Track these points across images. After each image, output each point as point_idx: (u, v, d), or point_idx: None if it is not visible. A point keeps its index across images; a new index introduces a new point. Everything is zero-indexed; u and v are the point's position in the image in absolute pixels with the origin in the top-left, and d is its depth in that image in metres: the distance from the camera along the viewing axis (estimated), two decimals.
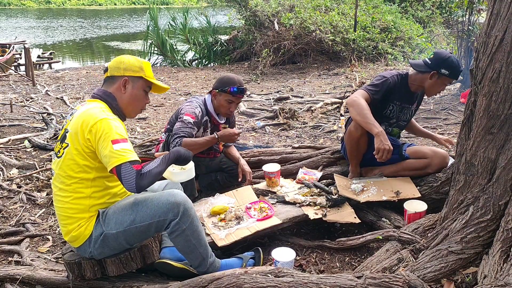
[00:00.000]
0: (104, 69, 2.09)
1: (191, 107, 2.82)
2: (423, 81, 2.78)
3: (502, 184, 1.87)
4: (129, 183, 1.79)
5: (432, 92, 2.83)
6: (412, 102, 2.94)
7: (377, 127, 2.53)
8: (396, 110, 2.88)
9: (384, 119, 2.87)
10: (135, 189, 1.81)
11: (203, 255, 2.06)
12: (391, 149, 2.49)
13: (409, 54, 9.25)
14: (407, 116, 2.98)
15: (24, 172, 3.74)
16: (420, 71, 2.78)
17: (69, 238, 1.98)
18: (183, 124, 2.72)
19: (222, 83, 2.84)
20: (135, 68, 2.04)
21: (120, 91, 2.03)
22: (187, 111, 2.79)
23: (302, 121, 5.36)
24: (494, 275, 1.71)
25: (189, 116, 2.75)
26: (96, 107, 1.93)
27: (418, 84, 2.82)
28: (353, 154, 2.85)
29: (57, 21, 25.14)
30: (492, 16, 1.89)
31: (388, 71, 2.91)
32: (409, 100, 2.91)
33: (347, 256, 2.36)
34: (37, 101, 6.85)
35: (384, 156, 2.49)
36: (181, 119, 2.74)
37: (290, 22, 9.35)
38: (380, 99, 2.76)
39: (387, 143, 2.48)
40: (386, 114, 2.87)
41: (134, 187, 1.80)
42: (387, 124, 2.92)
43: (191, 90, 7.92)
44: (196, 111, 2.80)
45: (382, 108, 2.84)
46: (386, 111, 2.85)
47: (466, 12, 5.78)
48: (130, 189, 1.81)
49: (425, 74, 2.76)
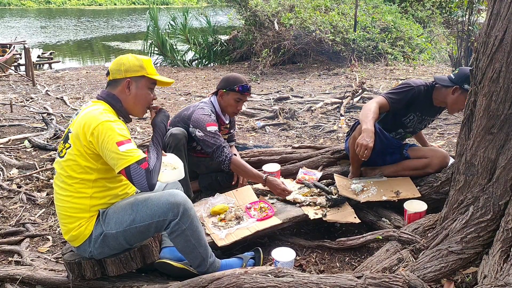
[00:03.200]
0: (106, 73, 2.09)
1: (207, 115, 2.77)
2: (446, 96, 2.69)
3: (502, 184, 1.88)
4: (141, 183, 1.83)
5: (454, 108, 2.71)
6: (433, 116, 2.90)
7: (367, 124, 2.46)
8: (416, 121, 2.84)
9: (401, 126, 2.85)
10: (148, 188, 1.84)
11: (203, 255, 2.05)
12: (370, 147, 2.37)
13: (409, 54, 9.25)
14: (423, 127, 2.96)
15: (24, 172, 3.74)
16: (444, 85, 2.68)
17: (69, 237, 1.99)
18: (213, 136, 2.70)
19: (229, 83, 2.83)
20: (136, 68, 2.03)
21: (124, 93, 2.03)
22: (207, 121, 2.73)
23: (302, 121, 5.36)
24: (494, 275, 1.71)
25: (212, 125, 2.73)
26: (98, 109, 1.93)
27: (441, 100, 2.73)
28: (356, 158, 2.84)
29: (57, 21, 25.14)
30: (492, 16, 1.89)
31: (415, 80, 2.80)
32: (430, 113, 2.85)
33: (347, 256, 2.36)
34: (37, 101, 6.85)
35: (362, 152, 2.38)
36: (207, 132, 2.70)
37: (290, 22, 9.35)
38: (402, 107, 2.72)
39: (368, 139, 2.38)
40: (405, 123, 2.83)
41: (147, 186, 1.83)
42: (404, 132, 2.90)
43: (191, 90, 7.92)
44: (213, 118, 2.78)
45: (402, 115, 2.80)
46: (406, 119, 2.81)
47: (466, 12, 5.78)
48: (143, 189, 1.84)
49: (448, 89, 2.66)
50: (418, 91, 2.70)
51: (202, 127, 2.73)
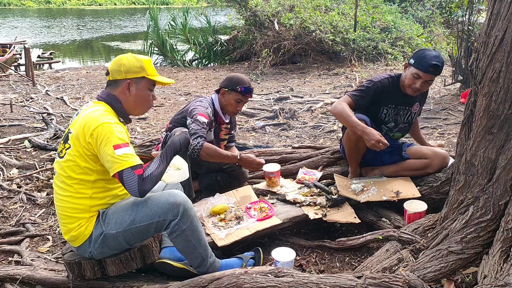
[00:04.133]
0: (106, 72, 2.08)
1: (203, 107, 2.78)
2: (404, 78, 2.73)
3: (502, 184, 1.88)
4: (132, 189, 1.82)
5: (408, 86, 2.69)
6: (410, 104, 2.85)
7: (358, 126, 2.52)
8: (391, 114, 2.83)
9: (381, 123, 2.85)
10: (138, 194, 1.83)
11: (203, 255, 2.05)
12: (382, 139, 2.45)
13: (409, 54, 9.24)
14: (407, 118, 2.90)
15: (24, 172, 3.74)
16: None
17: (69, 237, 1.99)
18: (198, 124, 2.68)
19: (232, 82, 2.83)
20: (136, 69, 2.02)
21: (125, 94, 2.02)
22: (200, 111, 2.74)
23: (302, 121, 5.36)
24: (494, 275, 1.71)
25: (203, 116, 2.71)
26: (98, 110, 1.92)
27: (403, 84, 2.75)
28: (353, 156, 2.84)
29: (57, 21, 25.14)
30: (492, 16, 1.89)
31: (378, 75, 2.86)
32: (405, 102, 2.82)
33: (347, 256, 2.36)
34: (37, 101, 6.85)
35: (381, 147, 2.46)
36: (196, 119, 2.69)
37: (290, 22, 9.34)
38: (369, 103, 2.73)
39: (374, 138, 2.45)
40: (382, 118, 2.83)
41: (137, 192, 1.82)
42: (387, 129, 2.89)
43: (191, 90, 7.92)
44: (208, 111, 2.78)
45: (376, 112, 2.81)
46: (380, 115, 2.82)
47: (466, 12, 5.77)
48: (133, 194, 1.84)
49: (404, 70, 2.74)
50: (381, 85, 2.73)
51: (193, 115, 2.73)
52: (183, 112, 2.89)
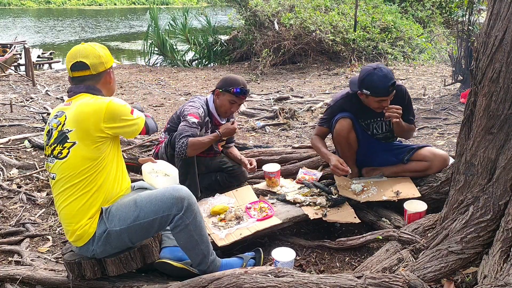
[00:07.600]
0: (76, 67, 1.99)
1: (194, 107, 2.80)
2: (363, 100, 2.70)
3: (502, 184, 1.87)
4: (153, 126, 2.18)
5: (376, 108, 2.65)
6: (378, 115, 2.77)
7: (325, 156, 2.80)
8: (364, 127, 2.83)
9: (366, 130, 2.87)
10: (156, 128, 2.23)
11: (205, 252, 2.06)
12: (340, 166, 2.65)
13: (409, 54, 9.25)
14: (385, 128, 2.85)
15: (24, 172, 3.74)
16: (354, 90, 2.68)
17: (74, 237, 1.97)
18: (187, 124, 2.70)
19: (226, 83, 2.83)
20: (109, 57, 2.10)
21: (107, 84, 2.09)
22: (190, 111, 2.77)
23: (302, 121, 5.36)
24: (494, 275, 1.71)
25: (193, 116, 2.73)
26: (90, 98, 1.96)
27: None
28: (346, 154, 2.83)
29: (57, 21, 25.14)
30: (492, 16, 1.89)
31: (335, 95, 2.92)
32: (371, 114, 2.77)
33: (347, 256, 2.36)
34: (37, 101, 6.85)
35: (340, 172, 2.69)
36: (185, 119, 2.73)
37: (290, 22, 9.34)
38: None
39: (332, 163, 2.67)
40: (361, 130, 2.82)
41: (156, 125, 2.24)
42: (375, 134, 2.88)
43: (191, 90, 7.92)
44: (199, 112, 2.79)
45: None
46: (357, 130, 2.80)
47: (466, 12, 5.77)
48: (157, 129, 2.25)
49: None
50: (338, 105, 2.80)
51: (184, 115, 2.76)
52: (178, 113, 2.90)
